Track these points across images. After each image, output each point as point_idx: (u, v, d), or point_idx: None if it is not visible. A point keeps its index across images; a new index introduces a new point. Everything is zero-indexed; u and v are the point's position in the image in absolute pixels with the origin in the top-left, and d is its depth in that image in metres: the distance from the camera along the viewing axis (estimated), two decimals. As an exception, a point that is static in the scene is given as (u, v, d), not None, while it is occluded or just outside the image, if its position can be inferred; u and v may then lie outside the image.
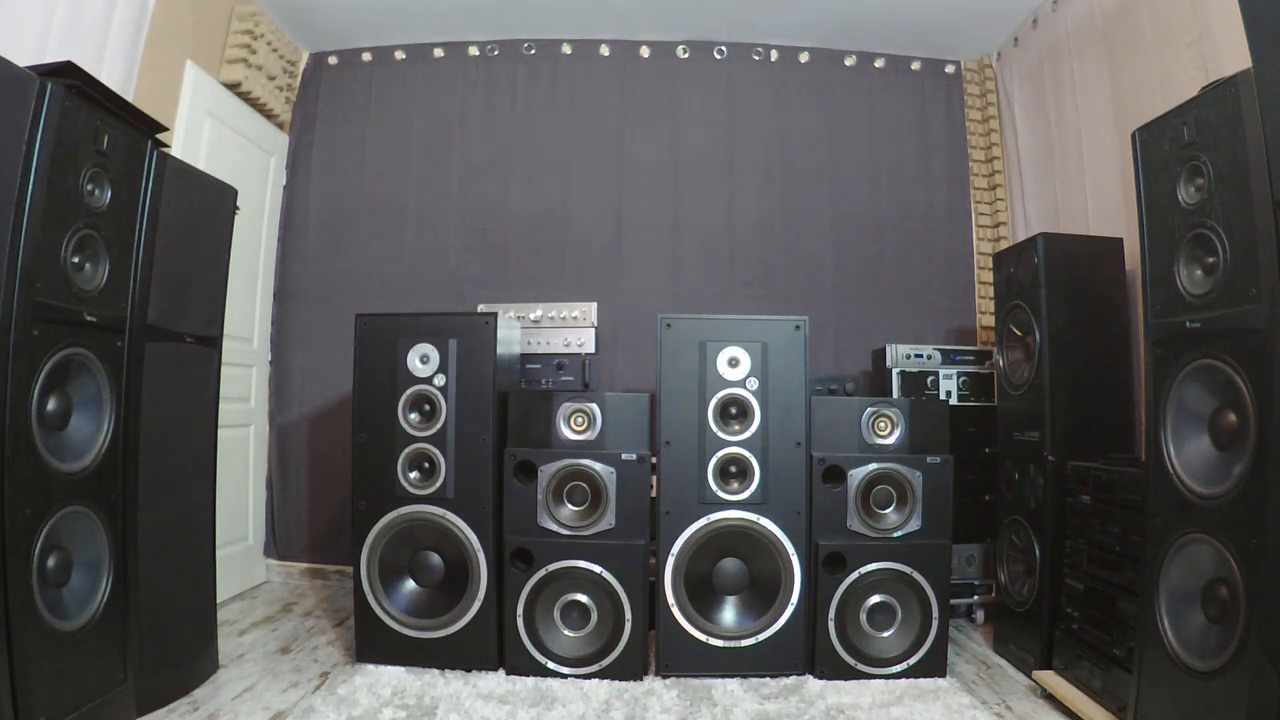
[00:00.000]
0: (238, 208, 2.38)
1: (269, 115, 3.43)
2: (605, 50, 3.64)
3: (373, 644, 2.32)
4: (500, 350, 2.40)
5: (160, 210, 2.00)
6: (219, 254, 2.31)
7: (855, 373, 3.31)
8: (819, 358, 3.38)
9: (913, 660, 2.28)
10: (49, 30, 2.14)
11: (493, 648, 2.30)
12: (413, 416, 2.33)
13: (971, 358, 3.03)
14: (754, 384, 2.32)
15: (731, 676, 2.27)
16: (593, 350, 2.99)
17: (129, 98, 2.28)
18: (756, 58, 3.64)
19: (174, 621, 2.08)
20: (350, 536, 2.39)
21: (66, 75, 1.70)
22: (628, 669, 2.26)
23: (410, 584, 2.35)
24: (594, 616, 2.29)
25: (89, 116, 1.75)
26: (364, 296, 3.45)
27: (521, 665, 2.28)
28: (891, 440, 2.39)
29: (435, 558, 2.34)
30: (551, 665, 2.28)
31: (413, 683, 2.18)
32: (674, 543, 2.29)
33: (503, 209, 3.56)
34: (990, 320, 3.33)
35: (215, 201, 2.28)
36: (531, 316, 3.01)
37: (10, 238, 1.55)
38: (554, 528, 2.31)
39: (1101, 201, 2.78)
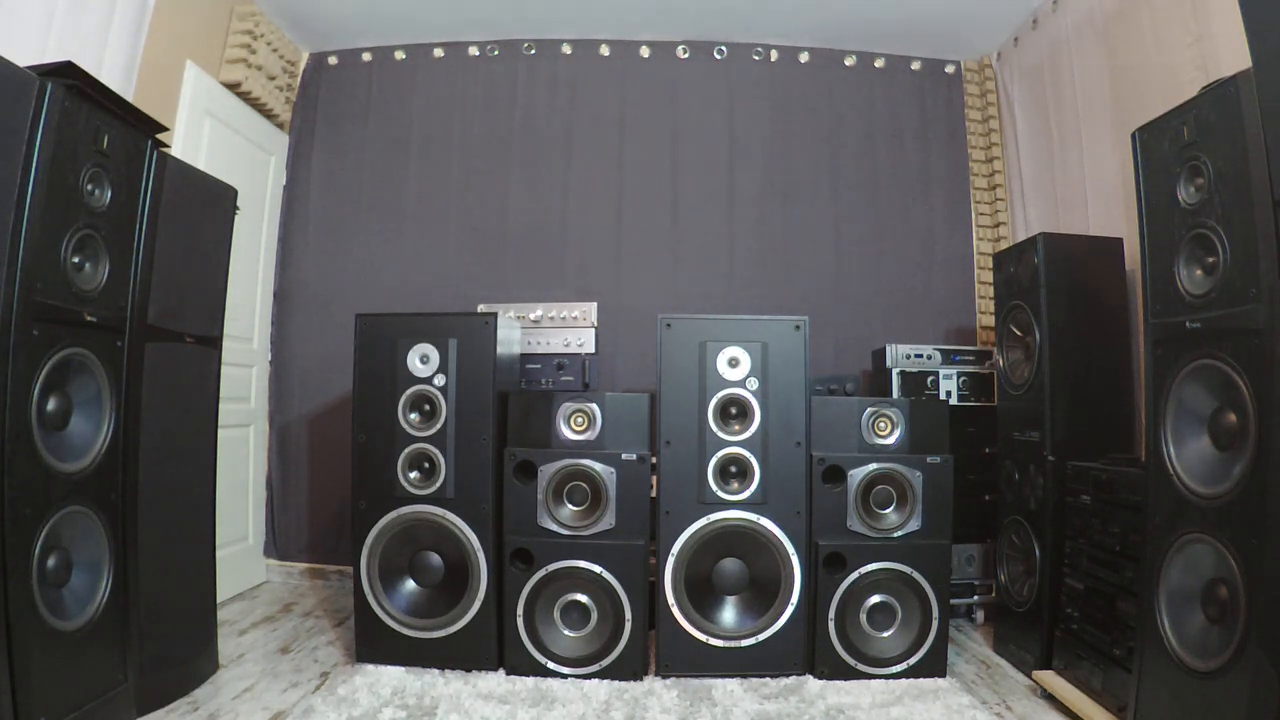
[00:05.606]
0: (238, 208, 2.38)
1: (269, 115, 3.43)
2: (605, 50, 3.64)
3: (373, 644, 2.32)
4: (500, 350, 2.40)
5: (160, 210, 2.00)
6: (219, 254, 2.31)
7: (855, 373, 3.31)
8: (819, 358, 3.37)
9: (913, 660, 2.28)
10: (49, 30, 2.14)
11: (493, 648, 2.30)
12: (413, 416, 2.33)
13: (971, 358, 3.03)
14: (754, 384, 2.32)
15: (731, 676, 2.27)
16: (593, 350, 2.99)
17: (129, 98, 2.28)
18: (756, 58, 3.64)
19: (174, 621, 2.08)
20: (350, 536, 2.39)
21: (66, 75, 1.70)
22: (628, 669, 2.26)
23: (410, 584, 2.35)
24: (594, 616, 2.29)
25: (89, 116, 1.75)
26: (364, 296, 3.45)
27: (521, 665, 2.28)
28: (891, 440, 2.39)
29: (435, 558, 2.34)
30: (551, 665, 2.28)
31: (413, 683, 2.18)
32: (674, 543, 2.29)
33: (503, 209, 3.56)
34: (990, 320, 3.33)
35: (215, 201, 2.28)
36: (531, 316, 3.01)
37: (10, 238, 1.55)
38: (554, 528, 2.31)
39: (1101, 201, 2.78)
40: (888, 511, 2.33)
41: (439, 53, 3.65)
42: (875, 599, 2.29)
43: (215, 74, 3.05)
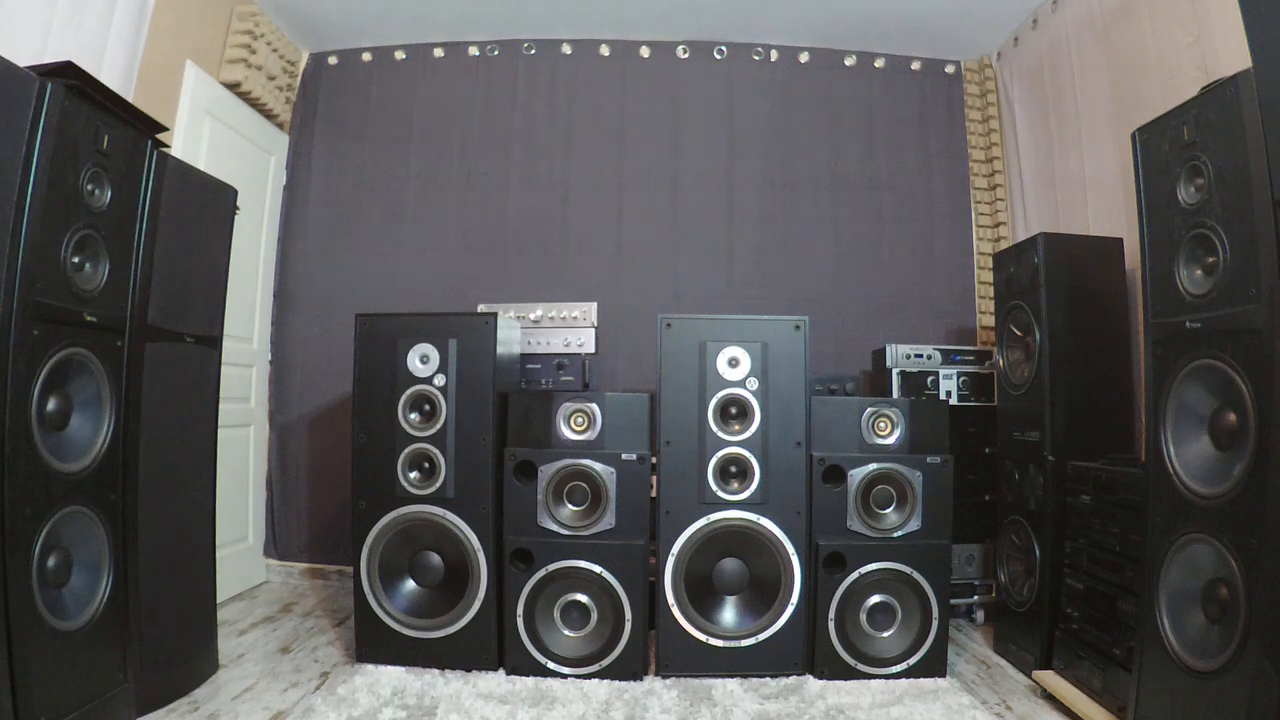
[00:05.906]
0: (238, 208, 2.38)
1: (269, 115, 3.43)
2: (605, 50, 3.64)
3: (373, 644, 2.32)
4: (500, 350, 2.40)
5: (160, 210, 2.00)
6: (219, 254, 2.31)
7: (855, 373, 3.31)
8: (819, 358, 3.37)
9: (913, 660, 2.28)
10: (49, 30, 2.14)
11: (493, 648, 2.30)
12: (413, 416, 2.33)
13: (971, 358, 3.03)
14: (754, 384, 2.32)
15: (731, 676, 2.27)
16: (593, 350, 2.99)
17: (129, 98, 2.29)
18: (756, 58, 3.64)
19: (174, 621, 2.08)
20: (350, 536, 2.39)
21: (66, 75, 1.70)
22: (628, 669, 2.26)
23: (410, 584, 2.35)
24: (594, 616, 2.29)
25: (89, 116, 1.75)
26: (364, 296, 3.45)
27: (521, 665, 2.28)
28: (891, 440, 2.39)
29: (435, 558, 2.34)
30: (551, 665, 2.28)
31: (413, 683, 2.18)
32: (674, 543, 2.29)
33: (503, 209, 3.56)
34: (990, 320, 3.33)
35: (215, 201, 2.28)
36: (531, 316, 3.01)
37: (10, 238, 1.55)
38: (554, 528, 2.31)
39: (1101, 201, 2.78)
40: (888, 511, 2.33)
41: (439, 53, 3.65)
42: (875, 599, 2.29)
43: (215, 74, 3.05)
